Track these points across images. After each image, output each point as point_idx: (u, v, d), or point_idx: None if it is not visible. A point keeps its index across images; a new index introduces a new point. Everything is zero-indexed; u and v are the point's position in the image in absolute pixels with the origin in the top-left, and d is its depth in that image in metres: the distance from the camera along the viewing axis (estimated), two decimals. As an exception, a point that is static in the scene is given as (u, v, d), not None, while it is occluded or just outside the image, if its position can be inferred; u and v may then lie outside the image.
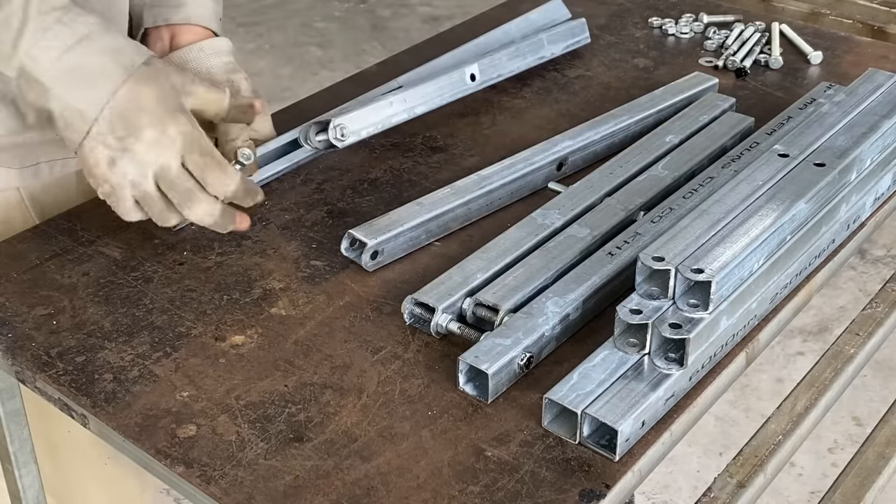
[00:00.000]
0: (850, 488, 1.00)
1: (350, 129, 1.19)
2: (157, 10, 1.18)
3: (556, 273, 1.01)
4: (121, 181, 0.98)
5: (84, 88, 0.96)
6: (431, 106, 1.27)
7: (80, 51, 0.96)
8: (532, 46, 1.39)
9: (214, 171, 1.00)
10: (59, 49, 0.96)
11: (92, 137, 0.97)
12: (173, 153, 0.98)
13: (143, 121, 0.96)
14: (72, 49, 0.96)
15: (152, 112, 0.96)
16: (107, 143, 0.96)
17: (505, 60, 1.35)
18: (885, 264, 2.78)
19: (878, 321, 1.05)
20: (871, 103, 1.11)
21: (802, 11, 1.64)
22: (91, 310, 1.02)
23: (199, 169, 0.99)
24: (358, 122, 1.20)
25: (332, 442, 0.87)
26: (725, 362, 0.95)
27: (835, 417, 2.29)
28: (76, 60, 0.96)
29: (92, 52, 0.97)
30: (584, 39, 1.47)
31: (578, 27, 1.46)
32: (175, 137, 0.97)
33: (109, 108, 0.96)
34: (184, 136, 0.98)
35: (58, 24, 0.96)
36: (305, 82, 3.68)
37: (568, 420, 0.87)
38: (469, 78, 1.31)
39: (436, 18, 4.12)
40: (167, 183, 0.99)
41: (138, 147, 0.96)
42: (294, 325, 1.00)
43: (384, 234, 1.07)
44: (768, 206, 0.95)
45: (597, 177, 1.15)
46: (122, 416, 0.90)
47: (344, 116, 1.19)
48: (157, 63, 1.00)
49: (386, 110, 1.23)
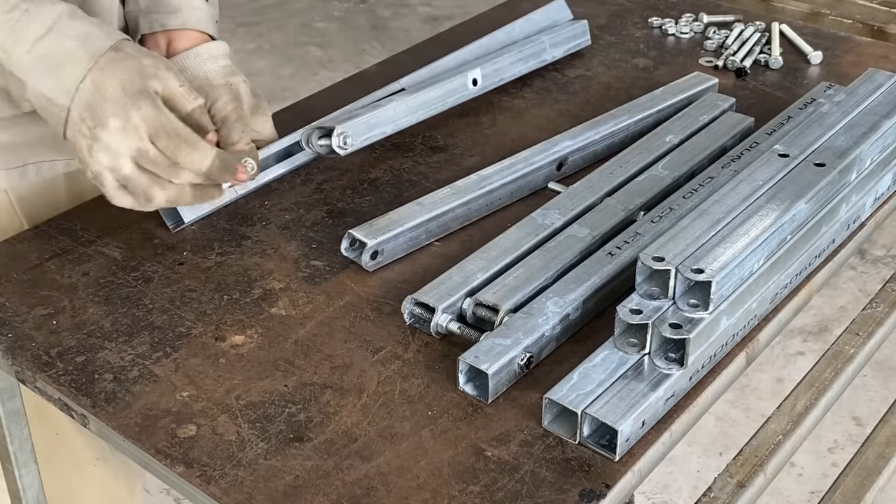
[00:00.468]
0: (850, 488, 1.00)
1: (353, 136, 1.19)
2: (154, 17, 1.18)
3: (556, 273, 1.01)
4: (99, 168, 0.99)
5: (53, 78, 0.97)
6: (434, 111, 1.27)
7: (49, 39, 0.97)
8: (534, 50, 1.39)
9: (184, 150, 0.99)
10: (28, 41, 0.97)
11: (70, 126, 0.98)
12: (141, 138, 0.98)
13: (108, 110, 0.97)
14: (41, 39, 0.97)
15: (115, 100, 0.97)
16: (82, 133, 0.98)
17: (507, 64, 1.35)
18: (885, 264, 2.78)
19: (878, 321, 1.05)
20: (871, 103, 1.11)
21: (802, 11, 1.64)
22: (91, 310, 1.02)
23: (170, 153, 0.99)
24: (361, 129, 1.20)
25: (332, 442, 0.87)
26: (725, 362, 0.95)
27: (835, 417, 2.29)
28: (45, 50, 0.97)
29: (61, 40, 0.98)
30: (585, 42, 1.47)
31: (580, 29, 1.46)
32: (138, 124, 0.98)
33: (77, 98, 0.97)
34: (147, 122, 0.98)
35: (25, 15, 0.97)
36: (305, 82, 3.68)
37: (568, 420, 0.87)
38: (471, 83, 1.31)
39: (436, 18, 4.12)
40: (146, 161, 0.99)
41: (106, 136, 0.97)
42: (294, 325, 1.00)
43: (384, 234, 1.07)
44: (768, 206, 0.95)
45: (597, 177, 1.15)
46: (122, 416, 0.90)
47: (347, 123, 1.18)
48: (127, 47, 1.00)
49: (389, 116, 1.23)
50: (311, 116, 1.25)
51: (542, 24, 1.45)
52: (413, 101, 1.25)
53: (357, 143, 1.19)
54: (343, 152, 1.18)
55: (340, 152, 1.18)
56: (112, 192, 1.01)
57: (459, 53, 1.37)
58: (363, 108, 1.23)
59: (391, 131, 1.23)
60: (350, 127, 1.18)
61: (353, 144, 1.18)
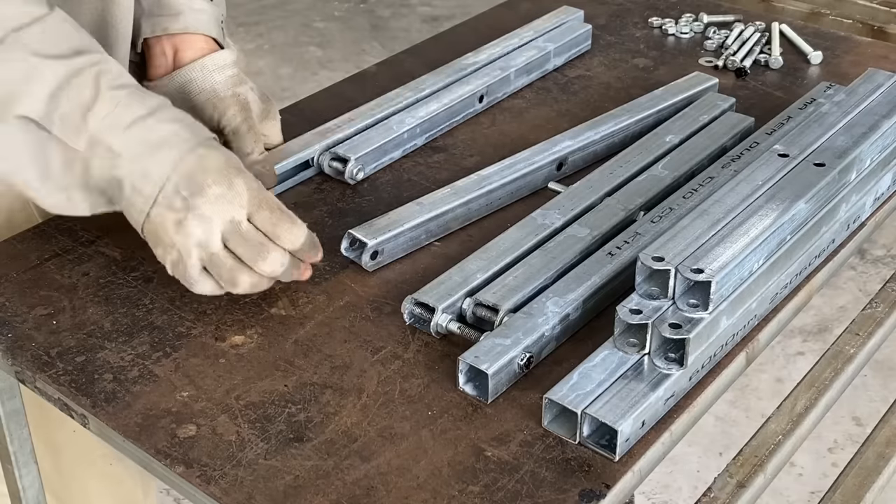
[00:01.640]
0: (850, 488, 1.00)
1: (366, 167, 1.20)
2: (156, 20, 1.17)
3: (556, 273, 1.01)
4: (187, 242, 0.95)
5: (154, 154, 0.95)
6: (441, 131, 1.29)
7: (152, 120, 0.96)
8: (539, 61, 1.39)
9: (285, 224, 0.98)
10: (130, 118, 0.95)
11: (159, 204, 0.95)
12: (240, 207, 0.95)
13: (210, 179, 0.95)
14: (144, 119, 0.95)
15: (218, 171, 0.95)
16: (173, 207, 0.94)
17: (512, 78, 1.36)
18: (885, 264, 2.77)
19: (878, 321, 1.05)
20: (871, 103, 1.11)
21: (802, 11, 1.64)
22: (91, 310, 1.02)
23: (270, 224, 0.97)
24: (373, 157, 1.21)
25: (332, 442, 0.87)
26: (725, 362, 0.95)
27: (835, 417, 2.28)
28: (148, 129, 0.95)
29: (163, 121, 0.96)
30: (586, 47, 1.47)
31: (583, 36, 1.45)
32: (241, 191, 0.96)
33: (177, 172, 0.94)
34: (250, 191, 0.96)
35: (129, 96, 0.96)
36: (305, 82, 3.67)
37: (568, 420, 0.87)
38: (478, 101, 1.32)
39: (436, 18, 4.11)
40: (237, 238, 0.96)
41: (203, 203, 0.94)
42: (294, 325, 1.00)
43: (384, 234, 1.07)
44: (768, 206, 0.95)
45: (597, 177, 1.15)
46: (122, 416, 0.90)
47: (363, 155, 1.19)
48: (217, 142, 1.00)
49: (400, 141, 1.24)
50: (311, 116, 1.25)
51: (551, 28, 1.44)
52: (423, 125, 1.26)
53: (368, 171, 1.20)
54: (353, 182, 1.19)
55: (350, 181, 1.18)
56: (196, 274, 0.97)
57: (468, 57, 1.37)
58: (375, 129, 1.23)
59: (399, 156, 1.24)
60: (364, 160, 1.19)
61: (364, 174, 1.19)
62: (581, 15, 1.47)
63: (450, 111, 1.29)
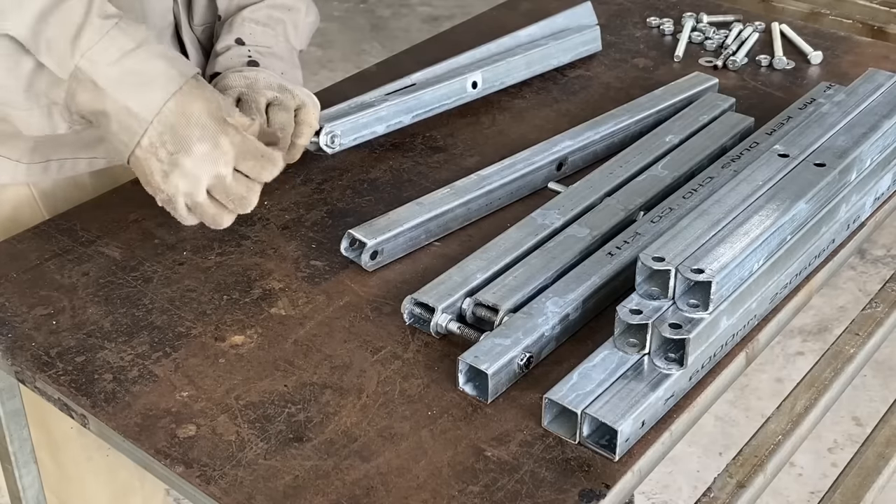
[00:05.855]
0: (850, 488, 1.00)
1: (342, 136, 1.18)
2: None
3: (556, 273, 1.01)
4: (174, 192, 0.98)
5: (140, 91, 0.96)
6: (430, 113, 1.27)
7: (138, 56, 0.97)
8: (540, 55, 1.38)
9: (268, 168, 1.01)
10: (117, 52, 0.96)
11: (143, 149, 0.97)
12: (225, 165, 0.98)
13: (195, 135, 0.96)
14: (130, 53, 0.96)
15: (203, 125, 0.97)
16: (158, 157, 0.97)
17: (509, 69, 1.35)
18: (885, 264, 2.77)
19: (878, 321, 1.05)
20: (871, 103, 1.11)
21: (802, 11, 1.64)
22: (91, 310, 1.02)
23: (255, 172, 1.00)
24: (350, 128, 1.20)
25: (332, 442, 0.87)
26: (725, 362, 0.95)
27: (835, 417, 2.28)
28: (133, 64, 0.96)
29: (149, 58, 0.97)
30: (595, 48, 1.46)
31: (590, 35, 1.45)
32: (228, 149, 0.98)
33: (161, 118, 0.96)
34: (236, 147, 0.98)
35: (116, 28, 0.96)
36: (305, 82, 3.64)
37: (568, 420, 0.87)
38: (471, 86, 1.31)
39: (436, 18, 4.11)
40: (221, 191, 0.99)
41: (188, 162, 0.96)
42: (294, 325, 1.00)
43: (384, 234, 1.07)
44: (768, 207, 0.95)
45: (597, 177, 1.15)
46: (122, 416, 0.90)
47: (336, 122, 1.18)
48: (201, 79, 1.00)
49: (381, 116, 1.22)
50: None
51: (563, 26, 1.44)
52: (408, 102, 1.25)
53: (346, 142, 1.19)
54: (331, 151, 1.18)
55: (328, 150, 1.18)
56: (184, 213, 1.00)
57: (470, 54, 1.36)
58: (359, 106, 1.23)
59: (383, 131, 1.23)
60: (338, 126, 1.18)
61: (342, 144, 1.18)
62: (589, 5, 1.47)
63: (437, 93, 1.28)
